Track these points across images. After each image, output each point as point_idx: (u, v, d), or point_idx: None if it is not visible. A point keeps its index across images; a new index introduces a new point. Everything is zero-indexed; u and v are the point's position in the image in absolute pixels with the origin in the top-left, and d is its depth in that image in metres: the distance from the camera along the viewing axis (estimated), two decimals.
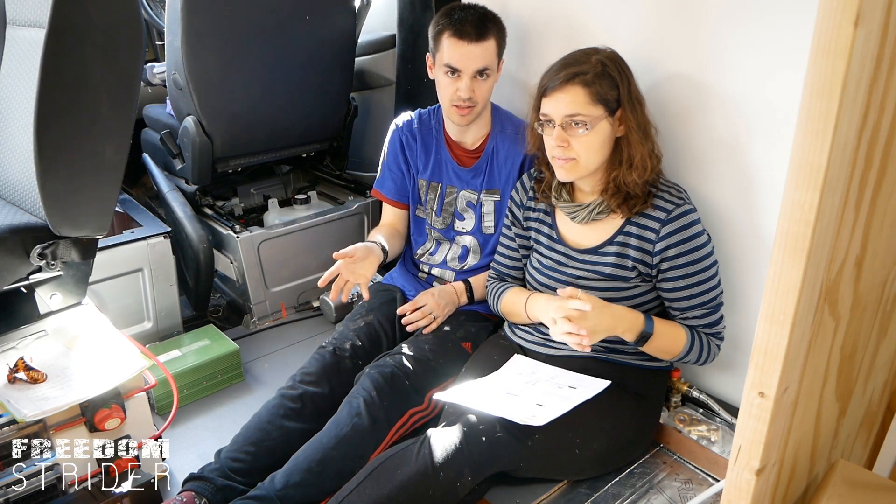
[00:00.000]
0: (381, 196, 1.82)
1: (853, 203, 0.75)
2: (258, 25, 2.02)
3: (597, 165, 1.34)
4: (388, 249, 1.69)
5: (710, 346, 1.39)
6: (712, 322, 1.38)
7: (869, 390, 1.07)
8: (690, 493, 1.41)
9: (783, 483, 0.92)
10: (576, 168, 1.33)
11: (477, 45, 1.51)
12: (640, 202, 1.34)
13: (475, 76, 1.54)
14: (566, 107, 1.28)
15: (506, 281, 1.62)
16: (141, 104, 2.54)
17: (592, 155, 1.32)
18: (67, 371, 1.35)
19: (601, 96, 1.28)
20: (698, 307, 1.36)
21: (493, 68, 1.57)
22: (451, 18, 1.53)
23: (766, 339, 0.73)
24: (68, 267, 1.43)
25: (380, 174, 1.82)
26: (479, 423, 1.29)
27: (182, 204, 2.16)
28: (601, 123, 1.29)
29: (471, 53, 1.52)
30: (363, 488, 1.22)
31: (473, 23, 1.51)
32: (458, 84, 1.54)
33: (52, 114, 1.20)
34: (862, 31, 0.58)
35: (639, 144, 1.32)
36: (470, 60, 1.52)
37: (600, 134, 1.30)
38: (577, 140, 1.30)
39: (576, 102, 1.27)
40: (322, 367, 1.55)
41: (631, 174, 1.32)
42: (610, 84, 1.29)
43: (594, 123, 1.28)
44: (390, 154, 1.78)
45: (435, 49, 1.58)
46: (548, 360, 1.46)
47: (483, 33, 1.51)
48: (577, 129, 1.29)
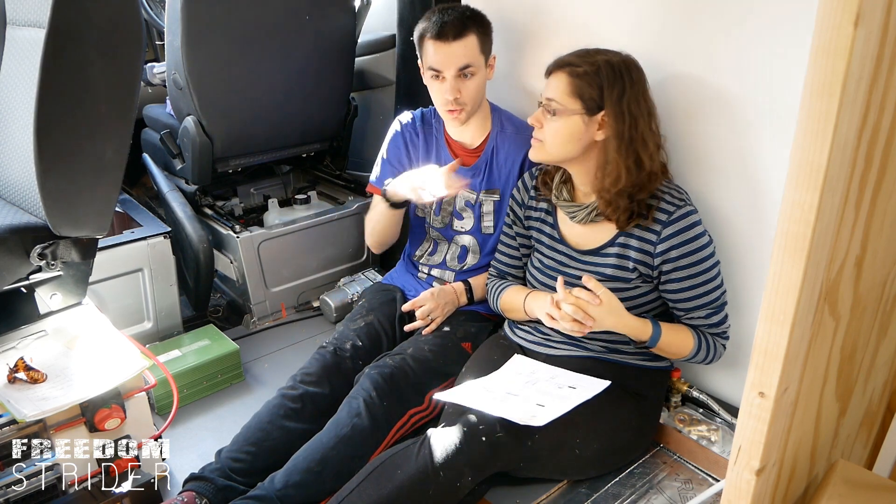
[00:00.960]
0: (378, 191, 1.78)
1: (853, 203, 0.75)
2: (258, 25, 2.02)
3: (560, 156, 1.37)
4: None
5: (716, 346, 1.40)
6: (717, 322, 1.38)
7: (869, 390, 1.07)
8: (690, 493, 1.41)
9: (783, 483, 0.92)
10: (540, 149, 1.38)
11: (456, 43, 1.51)
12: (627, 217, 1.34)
13: (459, 75, 1.53)
14: (549, 90, 1.34)
15: (506, 279, 1.62)
16: (141, 104, 2.54)
17: (557, 143, 1.34)
18: (67, 371, 1.35)
19: (581, 92, 1.30)
20: (702, 308, 1.36)
21: (478, 65, 1.55)
22: (429, 21, 1.53)
23: (766, 339, 0.73)
24: (68, 267, 1.43)
25: (378, 171, 1.80)
26: (479, 423, 1.29)
27: (182, 204, 2.16)
28: (573, 118, 1.31)
29: (450, 52, 1.51)
30: (363, 488, 1.22)
31: (451, 22, 1.51)
32: (443, 86, 1.54)
33: (52, 114, 1.20)
34: (862, 31, 0.58)
35: (615, 152, 1.31)
36: (450, 60, 1.52)
37: (569, 127, 1.32)
38: (548, 124, 1.34)
39: (557, 89, 1.32)
40: (322, 367, 1.55)
41: (604, 181, 1.33)
42: (596, 84, 1.29)
43: (564, 114, 1.31)
44: (391, 150, 1.77)
45: (421, 55, 1.58)
46: (548, 360, 1.46)
47: (461, 31, 1.51)
48: (549, 114, 1.34)
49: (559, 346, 1.47)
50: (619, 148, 1.31)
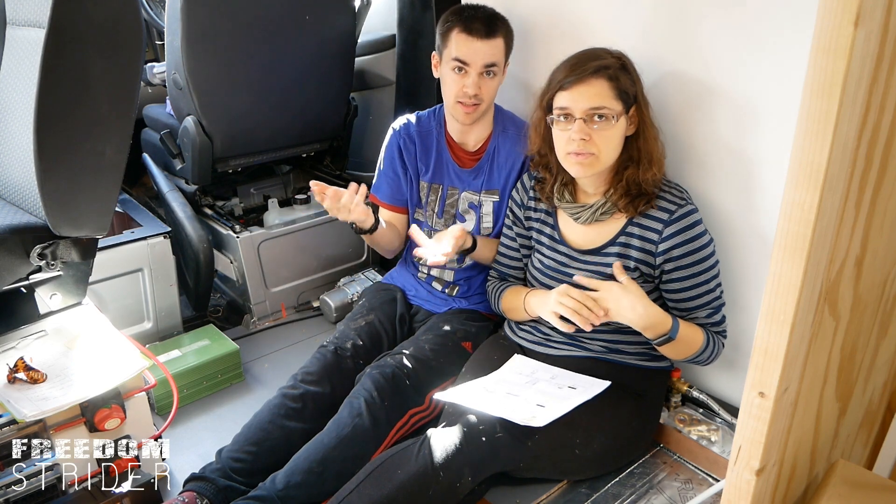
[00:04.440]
0: (378, 201, 1.80)
1: (853, 203, 0.75)
2: (258, 25, 2.02)
3: (612, 162, 1.34)
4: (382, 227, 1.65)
5: (718, 344, 1.39)
6: (718, 321, 1.38)
7: (869, 390, 1.07)
8: (690, 493, 1.41)
9: (783, 483, 0.92)
10: (594, 164, 1.31)
11: (486, 41, 1.52)
12: (646, 200, 1.34)
13: (482, 73, 1.55)
14: (590, 99, 1.27)
15: (507, 281, 1.62)
16: (141, 104, 2.54)
17: (612, 151, 1.32)
18: (67, 371, 1.35)
19: (622, 91, 1.28)
20: (704, 307, 1.36)
21: (500, 67, 1.58)
22: (461, 16, 1.54)
23: (766, 339, 0.73)
24: (68, 267, 1.43)
25: (376, 179, 1.82)
26: (479, 423, 1.29)
27: (182, 204, 2.16)
28: (621, 119, 1.30)
29: (480, 49, 1.52)
30: (363, 488, 1.22)
31: (483, 20, 1.53)
32: (465, 80, 1.55)
33: (52, 114, 1.20)
34: (862, 31, 0.58)
35: (654, 141, 1.33)
36: (478, 56, 1.53)
37: (620, 130, 1.31)
38: (598, 134, 1.29)
39: (601, 95, 1.27)
40: (323, 366, 1.55)
41: (650, 171, 1.33)
42: (629, 80, 1.30)
43: (617, 117, 1.29)
44: (387, 159, 1.78)
45: (443, 46, 1.58)
46: (548, 360, 1.46)
47: (492, 31, 1.53)
48: (597, 124, 1.28)
49: (559, 346, 1.47)
50: (653, 136, 1.33)
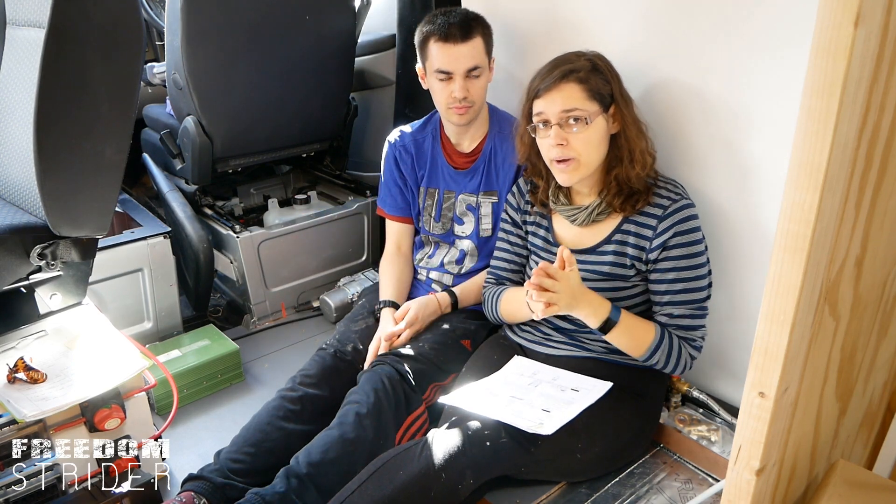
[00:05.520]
0: (384, 213, 1.84)
1: (853, 203, 0.75)
2: (258, 25, 2.02)
3: (597, 164, 1.34)
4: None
5: (683, 351, 1.35)
6: (692, 326, 1.35)
7: (869, 390, 1.07)
8: (690, 493, 1.41)
9: (783, 483, 0.92)
10: (577, 168, 1.32)
11: (464, 45, 1.52)
12: (642, 197, 1.34)
13: (467, 76, 1.54)
14: (562, 102, 1.28)
15: (503, 285, 1.60)
16: (141, 104, 2.54)
17: (592, 152, 1.32)
18: (67, 371, 1.35)
19: (596, 91, 1.29)
20: (682, 304, 1.34)
21: (484, 66, 1.57)
22: (434, 24, 1.53)
23: (766, 339, 0.73)
24: (68, 267, 1.43)
25: (380, 192, 1.85)
26: (484, 427, 1.29)
27: (182, 204, 2.16)
28: (597, 119, 1.30)
29: (459, 54, 1.52)
30: (364, 489, 1.22)
31: (457, 24, 1.52)
32: (451, 86, 1.55)
33: (52, 114, 1.20)
34: (862, 31, 0.58)
35: (636, 138, 1.33)
36: (459, 61, 1.53)
37: (598, 130, 1.31)
38: (576, 137, 1.29)
39: (572, 98, 1.28)
40: (322, 369, 1.55)
41: (633, 168, 1.33)
42: (602, 80, 1.30)
43: (591, 118, 1.29)
44: (386, 172, 1.80)
45: (423, 57, 1.59)
46: (548, 360, 1.46)
47: (468, 33, 1.52)
48: (575, 126, 1.29)
49: (559, 346, 1.47)
50: (637, 132, 1.33)
